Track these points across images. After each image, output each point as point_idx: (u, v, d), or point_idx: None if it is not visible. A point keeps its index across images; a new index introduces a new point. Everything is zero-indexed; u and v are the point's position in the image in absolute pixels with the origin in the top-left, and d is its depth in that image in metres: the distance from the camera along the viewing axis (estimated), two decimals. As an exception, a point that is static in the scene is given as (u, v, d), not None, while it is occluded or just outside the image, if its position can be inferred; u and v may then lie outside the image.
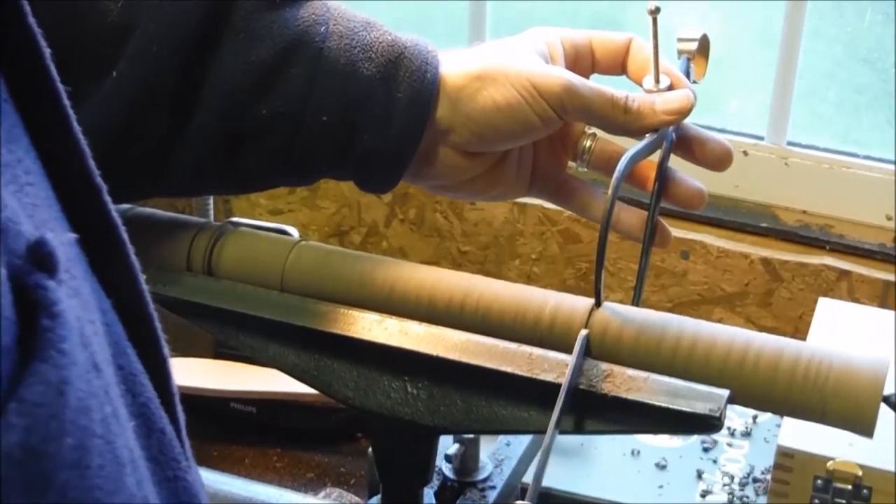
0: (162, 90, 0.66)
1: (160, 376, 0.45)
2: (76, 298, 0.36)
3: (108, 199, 0.42)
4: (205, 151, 0.67)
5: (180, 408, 0.47)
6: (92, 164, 0.41)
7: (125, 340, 0.41)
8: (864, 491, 0.92)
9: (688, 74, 0.70)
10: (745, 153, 1.55)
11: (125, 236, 0.44)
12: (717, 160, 0.70)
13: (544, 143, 0.73)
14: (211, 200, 1.65)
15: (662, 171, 0.70)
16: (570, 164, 0.75)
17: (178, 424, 0.47)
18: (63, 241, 0.37)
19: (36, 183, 0.36)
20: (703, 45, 0.71)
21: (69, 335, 0.34)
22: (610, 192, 0.62)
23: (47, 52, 0.39)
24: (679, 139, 0.71)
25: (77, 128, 0.40)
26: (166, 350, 0.46)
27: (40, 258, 0.33)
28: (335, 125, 0.67)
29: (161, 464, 0.42)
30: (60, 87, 0.39)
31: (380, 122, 0.67)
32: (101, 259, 0.41)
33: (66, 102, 0.40)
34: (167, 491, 0.42)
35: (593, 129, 0.73)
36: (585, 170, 0.74)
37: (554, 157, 0.74)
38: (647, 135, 0.68)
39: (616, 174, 0.63)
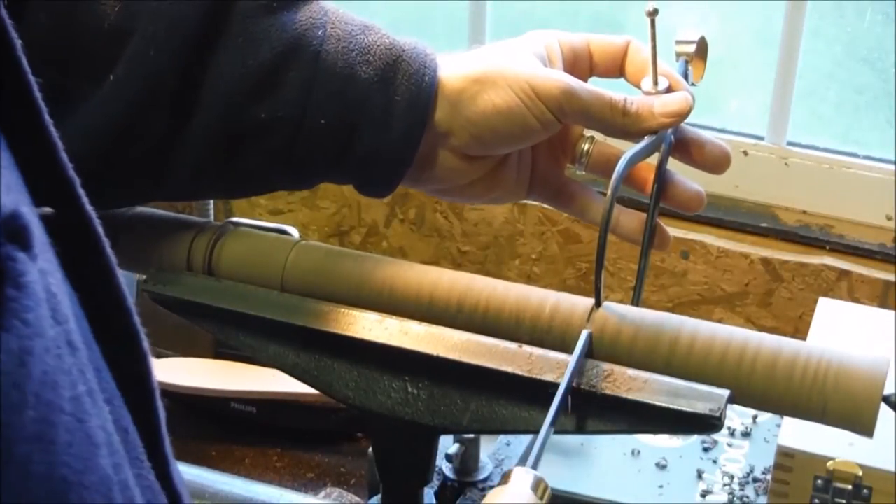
0: (161, 91, 0.66)
1: (140, 371, 0.45)
2: (52, 276, 0.36)
3: (81, 191, 0.42)
4: (205, 152, 0.67)
5: (160, 403, 0.47)
6: (64, 156, 0.41)
7: (89, 334, 0.41)
8: (864, 491, 0.92)
9: (686, 77, 0.70)
10: (745, 153, 1.55)
11: (100, 229, 0.43)
12: (716, 162, 0.70)
13: (543, 147, 0.73)
14: (211, 201, 1.65)
15: (661, 174, 0.70)
16: (569, 166, 0.75)
17: (157, 420, 0.46)
18: (37, 223, 0.36)
19: (7, 167, 0.36)
20: (702, 48, 0.71)
21: (35, 307, 0.33)
22: (609, 192, 0.62)
23: (18, 43, 0.38)
24: (677, 141, 0.71)
25: (48, 120, 0.40)
26: (146, 344, 0.46)
27: (14, 231, 0.33)
28: (334, 128, 0.67)
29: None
30: (32, 79, 0.39)
31: (379, 125, 0.67)
32: (74, 251, 0.41)
33: (38, 95, 0.40)
34: None
35: (591, 133, 0.73)
36: (584, 173, 0.74)
37: (553, 160, 0.74)
38: (646, 137, 0.68)
39: (615, 174, 0.63)
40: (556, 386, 0.60)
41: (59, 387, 0.34)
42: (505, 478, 0.53)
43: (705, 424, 0.60)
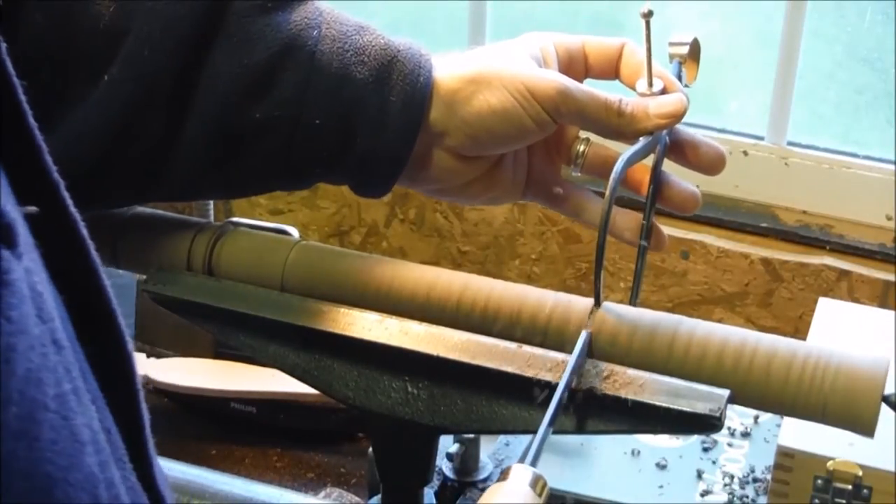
0: (157, 91, 0.66)
1: (124, 372, 0.45)
2: (36, 275, 0.36)
3: (66, 194, 0.42)
4: (202, 152, 0.68)
5: (144, 405, 0.47)
6: (48, 158, 0.41)
7: (73, 335, 0.41)
8: (864, 491, 0.92)
9: (680, 78, 0.71)
10: (745, 153, 1.55)
11: (85, 232, 0.43)
12: (710, 164, 0.70)
13: (539, 148, 0.73)
14: (211, 200, 1.65)
15: (657, 175, 0.70)
16: (564, 167, 0.75)
17: (141, 422, 0.46)
18: (21, 223, 0.36)
19: None
20: (695, 49, 0.71)
21: (19, 304, 0.33)
22: (607, 193, 0.62)
23: (4, 46, 0.38)
24: (672, 143, 0.71)
25: (33, 123, 0.40)
26: (130, 346, 0.46)
27: None
28: (330, 128, 0.67)
29: None
30: (16, 81, 0.39)
31: (374, 126, 0.67)
32: (60, 253, 0.41)
33: (23, 97, 0.40)
34: None
35: (587, 134, 0.73)
36: (579, 174, 0.74)
37: (548, 161, 0.74)
38: (641, 138, 0.68)
39: (613, 176, 0.63)
40: (555, 386, 0.61)
41: (43, 384, 0.34)
42: (504, 474, 0.53)
43: (705, 424, 0.60)
